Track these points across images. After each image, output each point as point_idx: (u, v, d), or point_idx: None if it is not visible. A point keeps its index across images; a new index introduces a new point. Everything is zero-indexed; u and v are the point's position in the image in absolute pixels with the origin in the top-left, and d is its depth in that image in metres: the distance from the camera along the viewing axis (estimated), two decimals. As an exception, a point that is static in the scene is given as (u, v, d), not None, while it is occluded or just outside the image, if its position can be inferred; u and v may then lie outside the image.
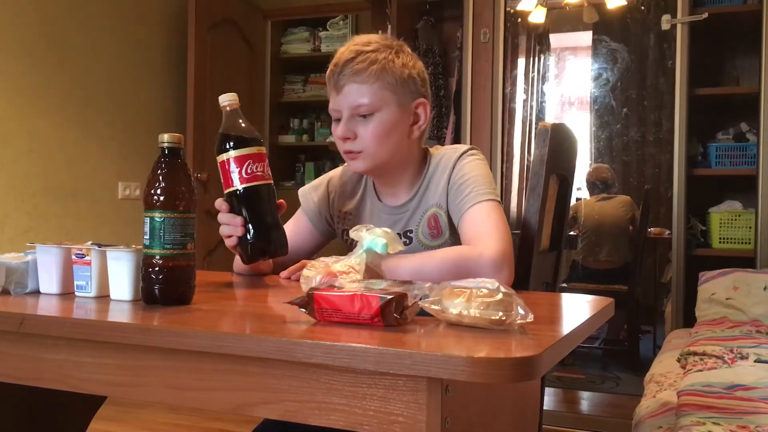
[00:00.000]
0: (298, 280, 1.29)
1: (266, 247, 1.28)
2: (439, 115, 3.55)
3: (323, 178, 1.57)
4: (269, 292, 1.29)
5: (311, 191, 1.55)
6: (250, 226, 1.24)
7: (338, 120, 1.40)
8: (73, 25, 3.49)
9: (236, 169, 1.21)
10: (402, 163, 1.43)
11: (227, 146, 1.22)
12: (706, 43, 3.11)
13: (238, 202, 1.24)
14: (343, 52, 1.38)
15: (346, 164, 1.54)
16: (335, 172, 1.57)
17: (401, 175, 1.44)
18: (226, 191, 1.25)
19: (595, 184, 3.84)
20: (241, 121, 1.25)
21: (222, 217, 1.26)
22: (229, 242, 1.27)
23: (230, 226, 1.25)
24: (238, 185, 1.22)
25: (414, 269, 1.25)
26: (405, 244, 1.43)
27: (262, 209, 1.25)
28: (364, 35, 1.43)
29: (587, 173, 3.85)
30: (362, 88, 1.35)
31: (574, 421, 3.02)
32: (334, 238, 1.57)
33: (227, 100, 1.25)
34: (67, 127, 3.46)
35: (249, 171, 1.22)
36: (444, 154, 1.44)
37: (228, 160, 1.21)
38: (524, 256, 1.44)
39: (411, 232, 1.44)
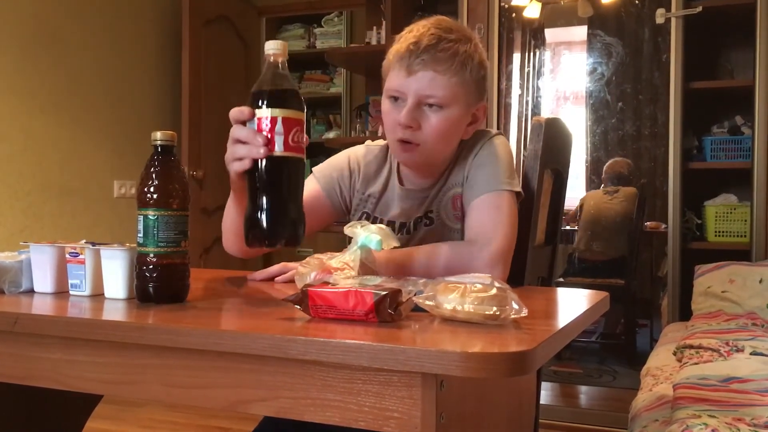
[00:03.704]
0: (272, 280, 1.27)
1: (285, 231, 1.04)
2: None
3: (341, 157, 1.48)
4: (264, 290, 1.28)
5: (329, 168, 1.47)
6: (274, 202, 1.03)
7: (394, 99, 1.32)
8: (67, 23, 3.48)
9: (282, 132, 1.01)
10: (445, 158, 1.38)
11: (280, 102, 1.02)
12: (700, 37, 3.11)
13: (269, 170, 1.02)
14: (423, 33, 1.29)
15: (366, 145, 1.49)
16: (356, 153, 1.48)
17: (435, 165, 1.39)
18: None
19: (610, 178, 3.84)
20: (291, 79, 1.06)
21: (240, 131, 1.03)
22: (241, 166, 1.03)
23: (249, 145, 1.02)
24: (280, 150, 1.01)
25: (413, 263, 1.25)
26: (426, 225, 1.40)
27: (299, 185, 1.07)
28: (439, 17, 1.35)
29: (605, 167, 3.85)
30: (440, 78, 1.27)
31: (571, 415, 3.02)
32: (343, 217, 1.49)
33: (276, 49, 1.05)
34: (61, 125, 3.45)
35: (296, 139, 1.03)
36: (472, 136, 1.40)
37: (276, 118, 1.01)
38: (519, 251, 1.44)
39: (432, 212, 1.40)
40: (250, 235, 1.04)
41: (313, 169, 1.49)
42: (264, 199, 1.03)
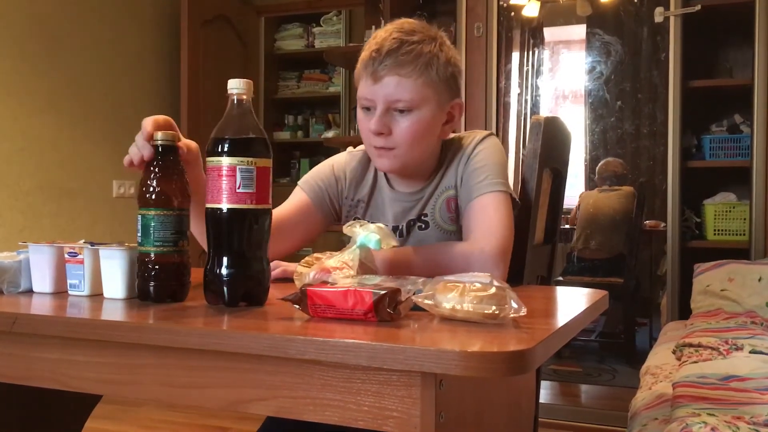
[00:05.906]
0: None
1: (245, 291, 0.99)
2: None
3: (326, 166, 1.48)
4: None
5: (315, 179, 1.46)
6: (236, 258, 0.97)
7: (367, 108, 1.32)
8: (65, 23, 3.48)
9: (249, 182, 0.95)
10: (425, 159, 1.38)
11: (246, 150, 0.96)
12: (699, 36, 3.11)
13: (233, 222, 0.96)
14: (385, 38, 1.28)
15: (349, 151, 1.49)
16: (338, 161, 1.48)
17: (419, 168, 1.39)
18: (210, 205, 0.97)
19: (605, 178, 3.85)
20: (257, 122, 1.00)
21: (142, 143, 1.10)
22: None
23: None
24: (248, 202, 0.95)
25: (412, 262, 1.25)
26: (420, 228, 1.40)
27: (264, 238, 0.99)
28: (403, 20, 1.34)
29: (599, 167, 3.86)
30: (404, 82, 1.27)
31: (570, 414, 3.02)
32: (334, 224, 1.48)
33: (239, 88, 0.98)
34: (60, 125, 3.45)
35: (262, 188, 0.97)
36: (462, 137, 1.40)
37: (234, 167, 0.95)
38: (518, 250, 1.44)
39: (426, 216, 1.40)
40: (208, 292, 0.98)
41: (298, 182, 1.49)
42: (225, 253, 0.97)
